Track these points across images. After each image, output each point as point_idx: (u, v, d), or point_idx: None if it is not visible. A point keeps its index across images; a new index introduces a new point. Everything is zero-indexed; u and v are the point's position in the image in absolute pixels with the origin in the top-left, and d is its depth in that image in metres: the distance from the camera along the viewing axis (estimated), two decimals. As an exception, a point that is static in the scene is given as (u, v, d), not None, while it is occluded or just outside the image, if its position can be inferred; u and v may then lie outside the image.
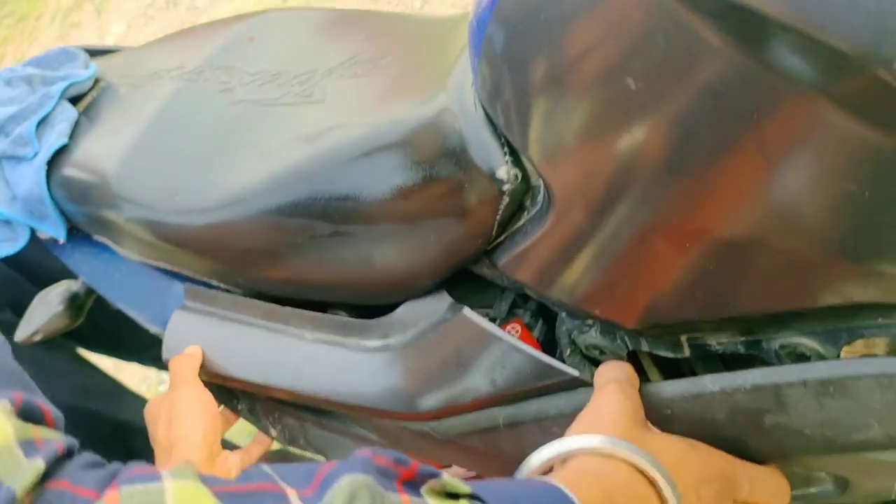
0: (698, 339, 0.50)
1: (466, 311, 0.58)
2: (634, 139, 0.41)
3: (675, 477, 0.44)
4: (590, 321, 0.56)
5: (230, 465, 0.69)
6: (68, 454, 0.33)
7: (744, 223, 0.40)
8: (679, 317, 0.48)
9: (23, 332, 0.91)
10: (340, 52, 0.72)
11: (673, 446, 0.46)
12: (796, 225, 0.38)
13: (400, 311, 0.63)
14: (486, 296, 0.63)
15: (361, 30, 0.74)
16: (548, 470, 0.45)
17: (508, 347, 0.55)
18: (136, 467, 0.33)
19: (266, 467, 0.35)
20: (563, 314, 0.58)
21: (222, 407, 0.78)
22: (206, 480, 0.33)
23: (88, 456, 0.34)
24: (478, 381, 0.56)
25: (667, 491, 0.43)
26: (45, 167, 0.78)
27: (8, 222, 0.83)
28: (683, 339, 0.51)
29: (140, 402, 1.36)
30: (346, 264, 0.63)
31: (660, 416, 0.48)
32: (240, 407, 0.76)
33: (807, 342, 0.45)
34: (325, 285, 0.66)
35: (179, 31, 0.95)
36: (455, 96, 0.56)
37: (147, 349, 0.84)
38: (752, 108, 0.35)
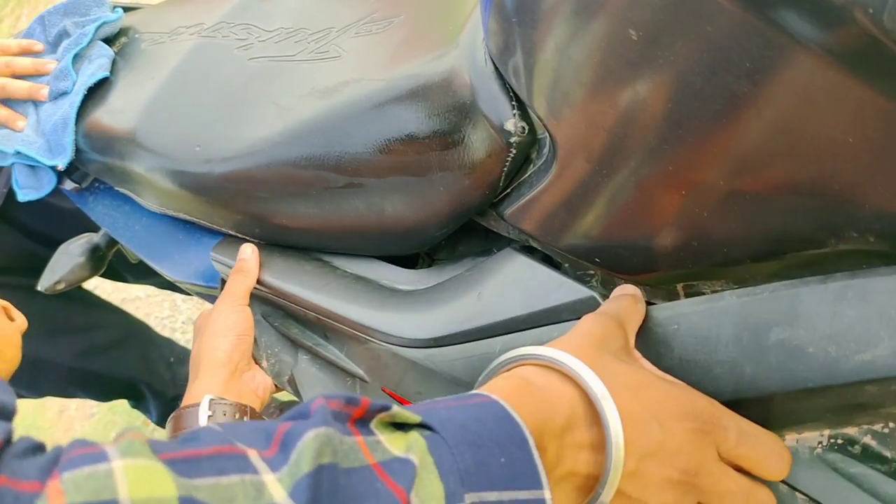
0: (693, 287, 0.52)
1: (508, 249, 0.59)
2: (635, 91, 0.43)
3: (630, 402, 0.42)
4: (591, 271, 0.58)
5: (257, 383, 0.71)
6: (6, 442, 0.30)
7: (737, 172, 0.42)
8: (675, 265, 0.50)
9: (46, 281, 0.94)
10: (356, 11, 0.74)
11: (638, 374, 0.44)
12: (786, 173, 0.40)
13: (442, 265, 0.66)
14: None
15: (377, -11, 0.76)
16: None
17: (531, 271, 0.56)
18: (79, 448, 0.29)
19: (216, 426, 0.34)
20: (566, 265, 0.60)
21: None
22: (156, 448, 0.30)
23: (26, 441, 0.30)
24: (491, 307, 0.57)
25: (601, 405, 0.41)
26: (84, 93, 0.81)
27: (33, 169, 0.86)
28: (679, 287, 0.53)
29: (147, 349, 1.42)
30: (358, 215, 0.65)
31: (664, 333, 0.48)
32: None
33: (794, 289, 0.47)
34: (338, 236, 0.69)
35: (198, -11, 0.97)
36: (466, 51, 0.58)
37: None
38: (747, 60, 0.37)
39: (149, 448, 0.30)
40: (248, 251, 0.72)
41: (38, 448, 0.30)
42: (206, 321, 0.72)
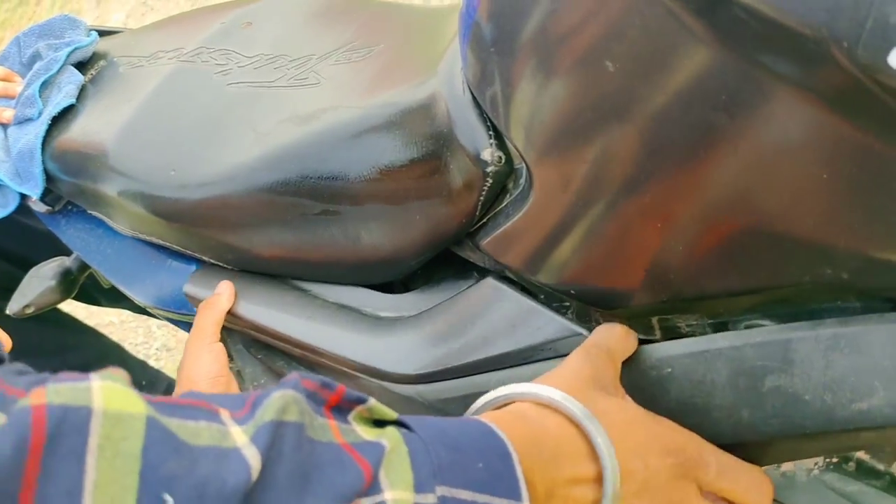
0: (669, 322, 0.52)
1: (489, 278, 0.58)
2: (612, 122, 0.43)
3: (619, 438, 0.42)
4: (566, 303, 0.58)
5: None
6: (1, 360, 0.33)
7: (713, 206, 0.42)
8: (650, 298, 0.50)
9: (16, 305, 0.92)
10: (336, 39, 0.74)
11: (625, 411, 0.45)
12: (762, 207, 0.40)
13: (424, 289, 0.65)
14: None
15: (357, 17, 0.76)
16: None
17: (521, 306, 0.55)
18: (68, 374, 0.33)
19: (200, 392, 0.36)
20: (542, 296, 0.60)
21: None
22: (136, 392, 0.33)
23: (21, 365, 0.34)
24: (479, 341, 0.56)
25: (598, 445, 0.41)
26: (49, 123, 0.80)
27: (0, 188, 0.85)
28: (654, 321, 0.53)
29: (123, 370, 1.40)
30: (333, 242, 0.65)
31: (658, 376, 0.48)
32: (231, 365, 0.78)
33: (769, 325, 0.47)
34: (314, 264, 0.68)
35: (179, 14, 0.97)
36: (445, 80, 0.58)
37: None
38: (723, 93, 0.37)
39: (128, 383, 0.33)
40: (224, 287, 0.71)
41: (32, 373, 0.34)
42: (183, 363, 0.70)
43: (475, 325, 0.57)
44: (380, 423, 0.38)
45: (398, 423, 0.38)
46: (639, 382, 0.48)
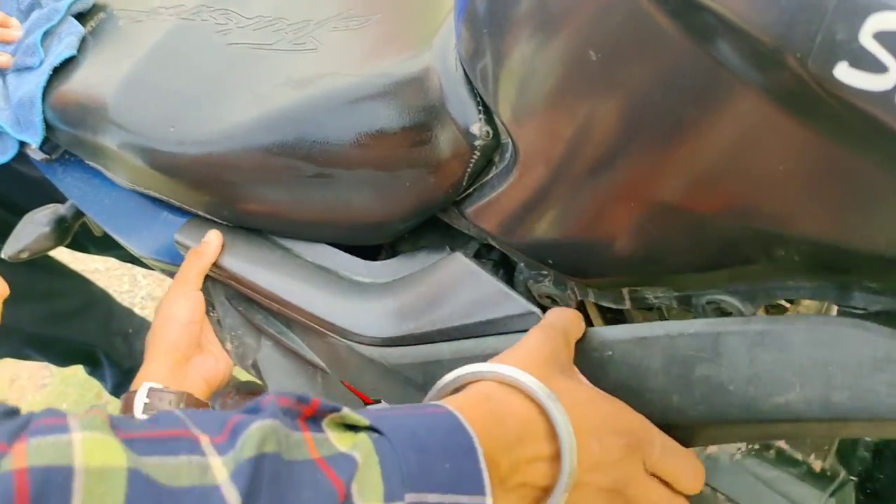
0: (638, 293, 0.56)
1: (458, 254, 0.62)
2: (592, 105, 0.46)
3: (576, 418, 0.44)
4: (544, 271, 0.61)
5: (207, 369, 0.71)
6: None
7: (679, 189, 0.45)
8: (621, 271, 0.53)
9: (10, 249, 0.95)
10: (334, 5, 0.76)
11: (582, 391, 0.47)
12: (724, 193, 0.44)
13: (399, 258, 0.68)
14: (453, 244, 0.68)
15: (356, -15, 0.78)
16: (456, 391, 0.47)
17: (481, 282, 0.59)
18: (46, 418, 0.33)
19: (179, 413, 0.37)
20: (521, 264, 0.63)
21: None
22: (116, 427, 0.34)
23: (2, 406, 0.34)
24: (442, 312, 0.60)
25: (558, 424, 0.43)
26: (50, 72, 0.82)
27: None
28: (625, 291, 0.57)
29: (107, 318, 1.43)
30: (325, 204, 0.68)
31: (600, 358, 0.51)
32: (211, 314, 0.81)
33: (729, 299, 0.51)
34: (305, 223, 0.71)
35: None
36: (438, 55, 0.60)
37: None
38: (693, 88, 0.40)
39: (108, 425, 0.34)
40: (213, 236, 0.74)
41: (12, 413, 0.34)
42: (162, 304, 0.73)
43: (439, 296, 0.61)
44: (352, 427, 0.40)
45: (369, 428, 0.39)
46: (581, 363, 0.52)
